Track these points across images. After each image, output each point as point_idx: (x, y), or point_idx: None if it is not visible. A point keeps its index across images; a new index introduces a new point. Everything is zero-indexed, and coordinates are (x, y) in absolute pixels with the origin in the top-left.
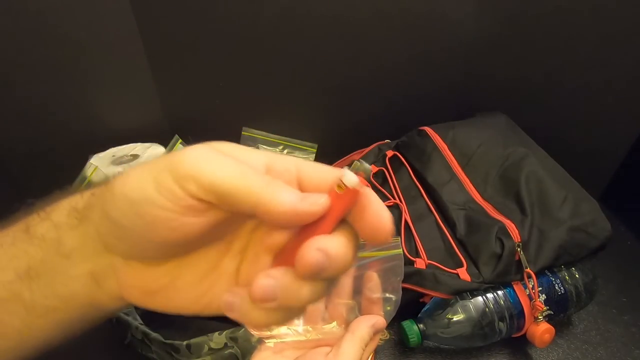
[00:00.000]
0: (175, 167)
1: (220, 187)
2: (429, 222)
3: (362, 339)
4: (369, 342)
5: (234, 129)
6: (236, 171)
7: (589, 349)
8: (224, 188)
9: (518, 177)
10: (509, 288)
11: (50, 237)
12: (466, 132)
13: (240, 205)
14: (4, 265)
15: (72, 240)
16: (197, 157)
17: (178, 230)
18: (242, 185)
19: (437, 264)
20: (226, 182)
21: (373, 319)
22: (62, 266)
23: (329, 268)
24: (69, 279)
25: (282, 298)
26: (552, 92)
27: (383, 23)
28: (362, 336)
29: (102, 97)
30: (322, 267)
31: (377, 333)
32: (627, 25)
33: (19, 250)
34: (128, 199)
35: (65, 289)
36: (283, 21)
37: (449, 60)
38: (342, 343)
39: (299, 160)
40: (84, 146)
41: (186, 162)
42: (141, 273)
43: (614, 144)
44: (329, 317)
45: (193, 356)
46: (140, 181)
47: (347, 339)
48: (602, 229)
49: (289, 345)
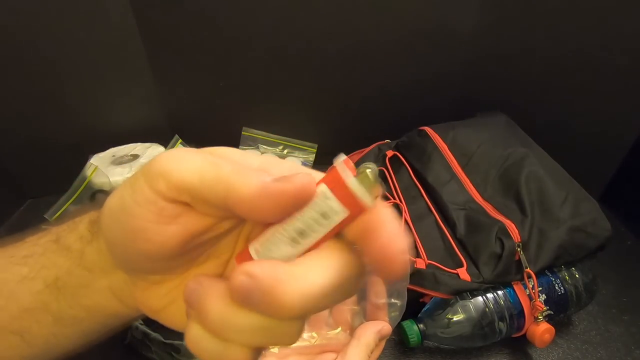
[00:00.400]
0: (148, 169)
1: (189, 181)
2: (429, 222)
3: (367, 345)
4: (375, 348)
5: (234, 129)
6: (206, 163)
7: (589, 349)
8: (193, 181)
9: (518, 177)
10: (509, 288)
11: (75, 249)
12: (466, 132)
13: (212, 198)
14: (34, 275)
15: (92, 254)
16: (168, 157)
17: (155, 240)
18: (210, 176)
19: (437, 264)
20: (195, 175)
21: (379, 325)
22: (85, 279)
23: (262, 301)
24: (92, 291)
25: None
26: (552, 92)
27: (383, 23)
28: (368, 342)
29: (102, 97)
30: (249, 296)
31: (383, 339)
32: (627, 25)
33: (49, 261)
34: (110, 210)
35: (89, 300)
36: (283, 21)
37: (449, 60)
38: (347, 349)
39: (299, 166)
40: (84, 146)
41: (157, 162)
42: (146, 291)
43: (614, 144)
44: (333, 322)
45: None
46: (121, 190)
47: (352, 345)
48: (602, 229)
49: (293, 351)
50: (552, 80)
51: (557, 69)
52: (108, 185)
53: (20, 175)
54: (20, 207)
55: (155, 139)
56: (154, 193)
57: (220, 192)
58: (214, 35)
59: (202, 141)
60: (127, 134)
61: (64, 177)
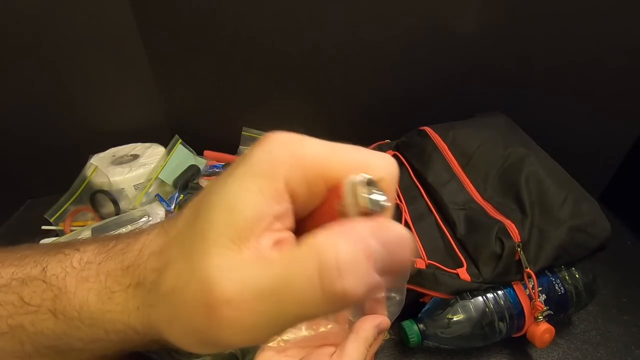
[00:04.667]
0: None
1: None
2: (429, 222)
3: (366, 339)
4: (373, 342)
5: (234, 129)
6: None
7: (589, 349)
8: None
9: (518, 177)
10: (509, 288)
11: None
12: (466, 132)
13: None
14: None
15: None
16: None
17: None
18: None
19: (437, 264)
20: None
21: (377, 319)
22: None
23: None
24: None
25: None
26: (552, 92)
27: (383, 24)
28: (367, 336)
29: (102, 97)
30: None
31: (381, 333)
32: (628, 25)
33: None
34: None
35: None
36: (283, 22)
37: (449, 60)
38: (346, 343)
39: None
40: (84, 146)
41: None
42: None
43: (614, 144)
44: (332, 316)
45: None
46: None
47: (351, 339)
48: (602, 229)
49: (291, 344)
50: (552, 80)
51: (557, 69)
52: (108, 185)
53: (20, 175)
54: (20, 207)
55: (155, 139)
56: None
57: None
58: (214, 35)
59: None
60: (127, 134)
61: (64, 177)
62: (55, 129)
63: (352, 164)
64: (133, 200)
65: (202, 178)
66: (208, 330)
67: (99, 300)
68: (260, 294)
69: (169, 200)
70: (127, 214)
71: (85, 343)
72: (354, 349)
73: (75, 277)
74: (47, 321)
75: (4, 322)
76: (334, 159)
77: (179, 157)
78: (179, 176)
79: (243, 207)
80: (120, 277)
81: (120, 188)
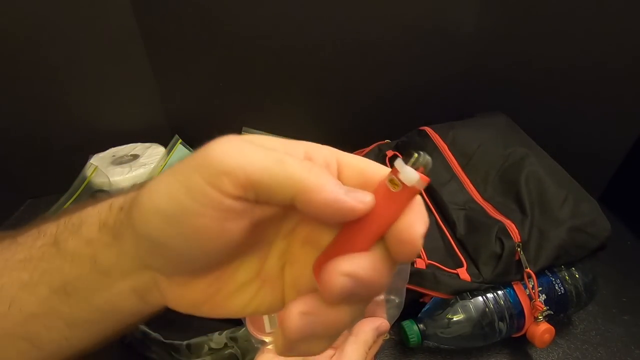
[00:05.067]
0: (205, 166)
1: (258, 178)
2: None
3: (365, 342)
4: (372, 345)
5: (234, 129)
6: (272, 159)
7: (589, 349)
8: (262, 179)
9: (518, 177)
10: (509, 288)
11: (83, 254)
12: (466, 132)
13: (280, 195)
14: (37, 280)
15: (109, 258)
16: (227, 151)
17: (220, 238)
18: (281, 173)
19: (437, 264)
20: (264, 172)
21: (377, 322)
22: (101, 283)
23: (360, 293)
24: (109, 295)
25: (319, 329)
26: (552, 92)
27: (383, 23)
28: (366, 339)
29: (102, 97)
30: (350, 293)
31: (381, 336)
32: (628, 25)
33: (51, 266)
34: (161, 213)
35: (107, 304)
36: (283, 22)
37: (449, 60)
38: (345, 346)
39: (340, 152)
40: (84, 146)
41: (216, 158)
42: (184, 287)
43: (614, 144)
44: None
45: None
46: (170, 190)
47: (350, 341)
48: (602, 229)
49: None
50: (552, 80)
51: (557, 69)
52: (108, 185)
53: (20, 175)
54: (20, 207)
55: (155, 139)
56: (219, 192)
57: (289, 191)
58: (214, 35)
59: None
60: (127, 134)
61: (64, 177)
62: (55, 129)
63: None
64: None
65: None
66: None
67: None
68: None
69: None
70: None
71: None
72: (354, 351)
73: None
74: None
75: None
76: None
77: (179, 157)
78: None
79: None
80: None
81: (121, 188)
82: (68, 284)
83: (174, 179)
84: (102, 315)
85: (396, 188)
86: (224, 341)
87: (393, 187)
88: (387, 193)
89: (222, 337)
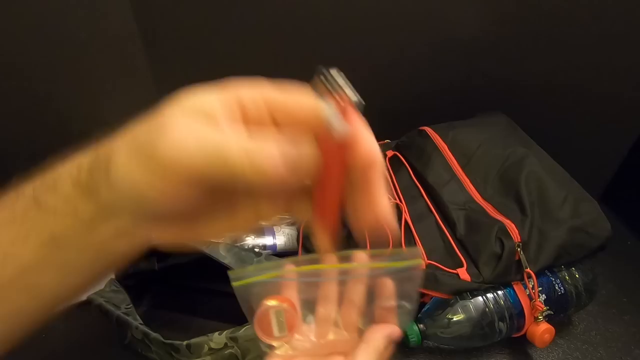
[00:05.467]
0: (156, 156)
1: (203, 174)
2: (429, 222)
3: (376, 349)
4: (384, 351)
5: None
6: (214, 149)
7: (589, 349)
8: (206, 174)
9: (518, 177)
10: (509, 288)
11: (64, 208)
12: (466, 132)
13: (226, 183)
14: (25, 235)
15: (89, 210)
16: (175, 144)
17: (175, 206)
18: (225, 169)
19: (437, 264)
20: (207, 167)
21: (388, 329)
22: (87, 231)
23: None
24: (97, 240)
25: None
26: (552, 92)
27: (383, 23)
28: (377, 346)
29: (102, 96)
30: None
31: (392, 343)
32: (627, 25)
33: (36, 222)
34: (119, 187)
35: (96, 249)
36: (283, 21)
37: (449, 60)
38: (356, 352)
39: (267, 91)
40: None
41: (165, 151)
42: (163, 228)
43: (614, 144)
44: (342, 325)
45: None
46: (128, 166)
47: (361, 348)
48: (602, 229)
49: (300, 352)
50: (552, 80)
51: (557, 69)
52: None
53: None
54: None
55: None
56: (169, 184)
57: (231, 176)
58: (214, 35)
59: None
60: None
61: None
62: (56, 129)
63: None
64: None
65: None
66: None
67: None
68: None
69: None
70: None
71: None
72: (365, 358)
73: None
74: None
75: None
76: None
77: None
78: None
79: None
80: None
81: None
82: (57, 237)
83: (132, 155)
84: (93, 259)
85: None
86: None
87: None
88: (326, 140)
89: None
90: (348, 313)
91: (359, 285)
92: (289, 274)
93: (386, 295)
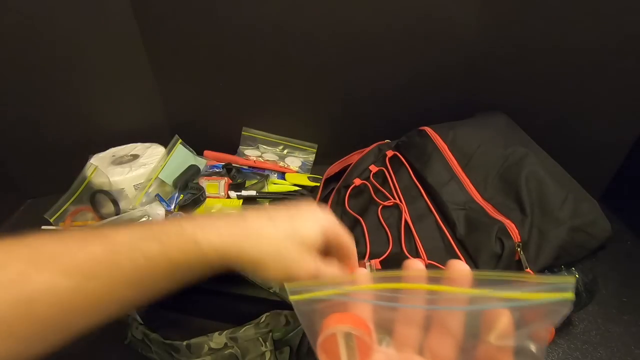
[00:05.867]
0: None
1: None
2: (429, 222)
3: None
4: None
5: (234, 129)
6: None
7: (589, 349)
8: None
9: (518, 177)
10: None
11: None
12: (466, 132)
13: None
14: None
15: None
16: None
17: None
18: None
19: (437, 264)
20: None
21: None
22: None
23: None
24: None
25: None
26: (552, 92)
27: (383, 24)
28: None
29: (103, 97)
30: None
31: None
32: (628, 25)
33: (157, 249)
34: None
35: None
36: (283, 22)
37: (449, 60)
38: None
39: (342, 235)
40: (84, 146)
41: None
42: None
43: (614, 144)
44: (429, 355)
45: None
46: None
47: None
48: (602, 229)
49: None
50: (552, 80)
51: (557, 69)
52: (108, 185)
53: (20, 176)
54: (20, 207)
55: (155, 139)
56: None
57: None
58: (214, 35)
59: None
60: (127, 134)
61: (64, 177)
62: (56, 129)
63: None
64: (133, 200)
65: (202, 178)
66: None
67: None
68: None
69: (169, 200)
70: (127, 214)
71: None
72: None
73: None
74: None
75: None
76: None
77: (179, 157)
78: (179, 176)
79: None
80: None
81: (120, 188)
82: (172, 260)
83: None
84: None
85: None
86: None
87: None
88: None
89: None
90: (440, 343)
91: (454, 314)
92: (361, 293)
93: (500, 331)
